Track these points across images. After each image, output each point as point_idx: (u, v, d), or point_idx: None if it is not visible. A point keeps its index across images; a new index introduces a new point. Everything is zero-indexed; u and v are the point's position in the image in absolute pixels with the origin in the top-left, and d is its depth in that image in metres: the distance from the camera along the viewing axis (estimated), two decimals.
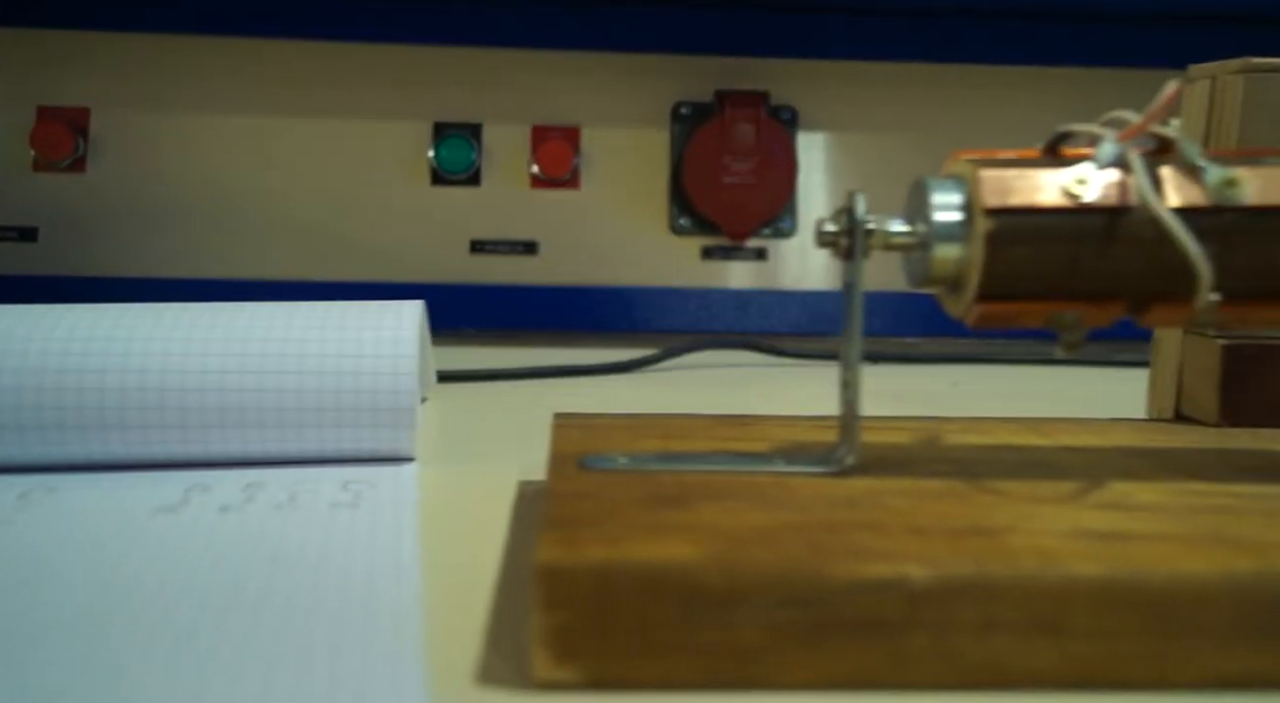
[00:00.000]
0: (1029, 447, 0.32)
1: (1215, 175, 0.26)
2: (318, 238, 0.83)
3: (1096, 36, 0.82)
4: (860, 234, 0.28)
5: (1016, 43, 0.83)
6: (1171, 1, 0.78)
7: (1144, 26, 0.82)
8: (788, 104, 0.84)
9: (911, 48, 0.83)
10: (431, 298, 0.85)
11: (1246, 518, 0.25)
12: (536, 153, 0.83)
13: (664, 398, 0.58)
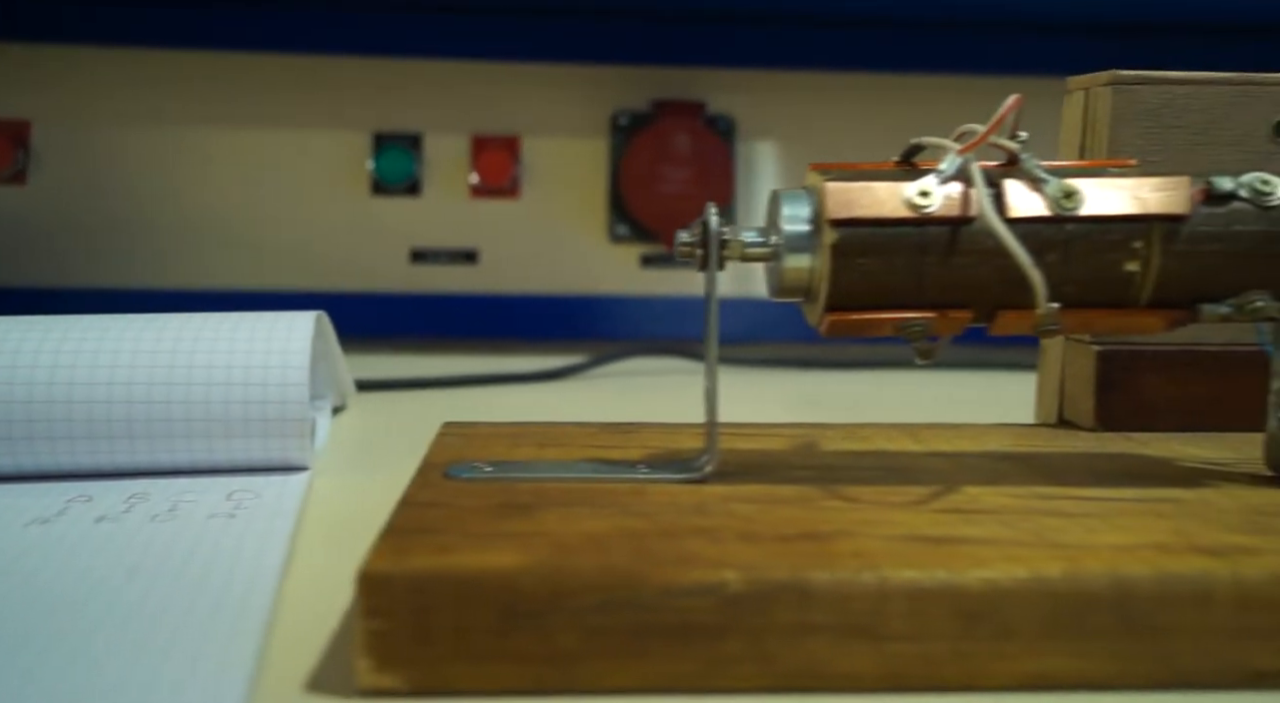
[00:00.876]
0: (899, 452, 0.33)
1: (1054, 187, 0.27)
2: (257, 249, 0.84)
3: (1037, 46, 0.83)
4: (714, 245, 0.28)
5: (953, 52, 0.84)
6: (1105, 11, 0.79)
7: (1087, 36, 0.83)
8: (725, 113, 0.84)
9: (849, 57, 0.84)
10: (372, 307, 0.86)
11: (1078, 521, 0.26)
12: (476, 162, 0.83)
13: (591, 405, 0.58)
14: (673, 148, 0.82)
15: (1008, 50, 0.83)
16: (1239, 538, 0.24)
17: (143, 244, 0.83)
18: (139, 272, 0.82)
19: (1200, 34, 0.82)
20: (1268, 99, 0.36)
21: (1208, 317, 0.28)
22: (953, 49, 0.83)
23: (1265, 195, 0.27)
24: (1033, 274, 0.26)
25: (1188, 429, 0.36)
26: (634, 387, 0.65)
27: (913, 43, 0.84)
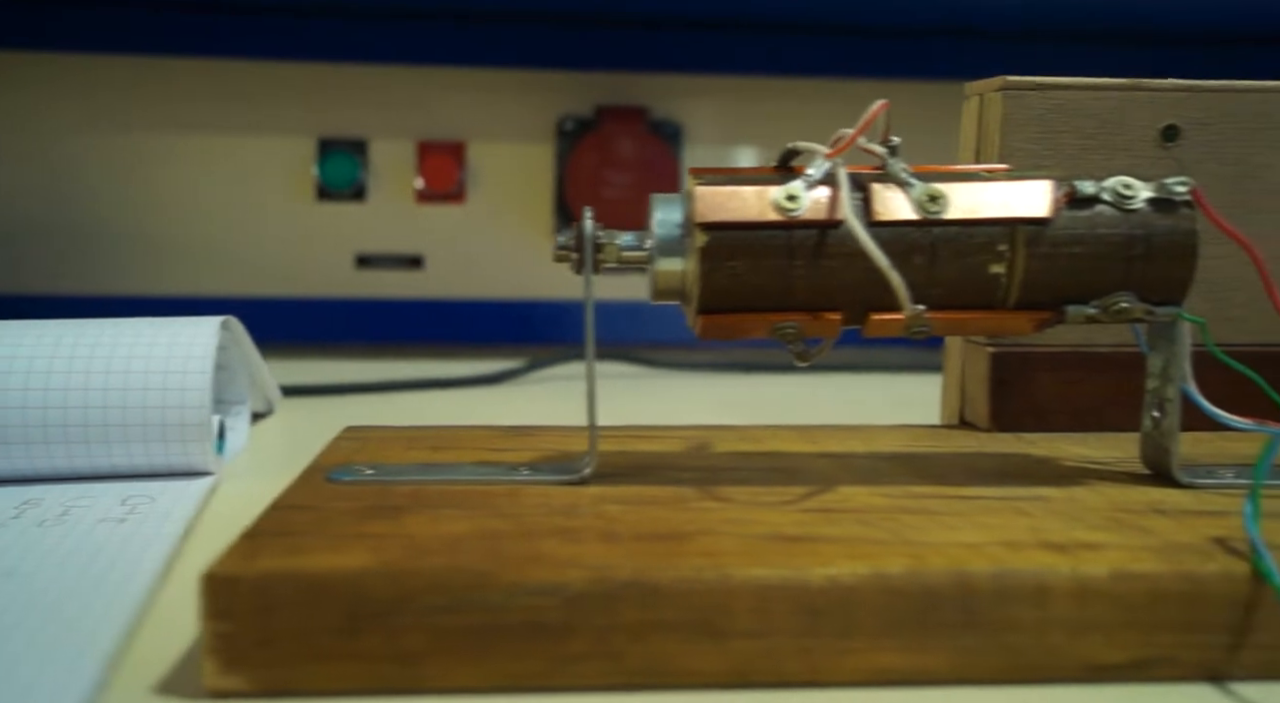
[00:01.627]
0: (788, 453, 0.33)
1: (920, 191, 0.28)
2: (203, 254, 0.83)
3: (982, 51, 0.84)
4: (589, 249, 0.28)
5: (897, 57, 0.84)
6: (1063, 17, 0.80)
7: (1028, 40, 0.84)
8: (671, 118, 0.85)
9: (795, 62, 0.84)
10: (318, 313, 0.86)
11: (940, 519, 0.26)
12: (422, 167, 0.83)
13: (528, 409, 0.58)
14: (616, 153, 0.83)
15: (950, 55, 0.84)
16: (1092, 535, 0.25)
17: (88, 249, 0.82)
18: (84, 277, 0.82)
19: (1126, 40, 0.83)
20: (1156, 103, 0.36)
21: (1073, 318, 0.28)
22: (897, 54, 0.84)
23: (1127, 199, 0.28)
24: (892, 277, 0.26)
25: (1081, 429, 0.37)
26: (573, 391, 0.65)
27: (857, 48, 0.84)
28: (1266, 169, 0.37)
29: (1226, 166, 0.37)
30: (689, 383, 0.68)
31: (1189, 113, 0.36)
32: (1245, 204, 0.37)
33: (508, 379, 0.67)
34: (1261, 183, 0.37)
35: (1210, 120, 0.36)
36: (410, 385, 0.63)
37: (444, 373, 0.66)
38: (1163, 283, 0.28)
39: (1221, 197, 0.37)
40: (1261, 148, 0.37)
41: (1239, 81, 0.36)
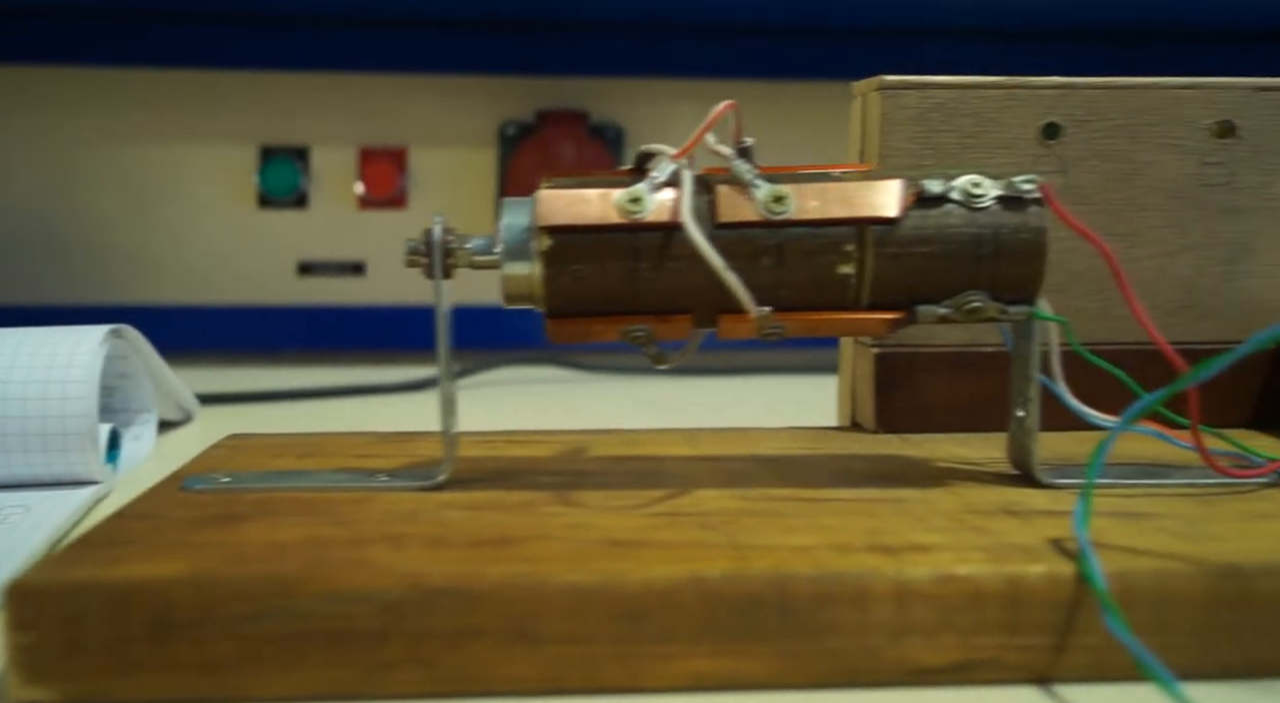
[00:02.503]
0: (661, 457, 0.33)
1: (764, 192, 0.27)
2: (145, 263, 0.83)
3: (930, 51, 0.84)
4: (438, 254, 0.28)
5: (838, 59, 0.84)
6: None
7: (975, 39, 0.84)
8: (612, 122, 0.85)
9: (734, 64, 0.84)
10: (260, 320, 0.85)
11: (784, 522, 0.26)
12: (363, 174, 0.83)
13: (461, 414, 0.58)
14: (557, 157, 0.83)
15: (892, 56, 0.84)
16: (928, 536, 0.25)
17: (30, 259, 0.82)
18: (20, 287, 0.82)
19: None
20: (1035, 102, 0.36)
21: (925, 317, 0.28)
22: (835, 55, 0.84)
23: (976, 198, 0.28)
24: (728, 278, 0.26)
25: (967, 429, 0.37)
26: (506, 395, 0.65)
27: (797, 49, 0.84)
28: (1151, 166, 0.37)
29: (1109, 164, 0.37)
30: (620, 386, 0.68)
31: (1069, 111, 0.36)
32: (1132, 201, 0.37)
33: (432, 386, 0.67)
34: (1147, 179, 0.37)
35: (1091, 118, 0.36)
36: (338, 392, 0.63)
37: (384, 379, 0.66)
38: (1014, 281, 0.28)
39: (1107, 194, 0.37)
40: (1145, 145, 0.37)
41: (1118, 78, 0.36)
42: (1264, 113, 0.37)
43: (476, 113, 0.85)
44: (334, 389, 0.63)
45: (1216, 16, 0.79)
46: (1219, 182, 0.37)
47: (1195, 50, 0.83)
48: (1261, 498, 0.28)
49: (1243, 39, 0.82)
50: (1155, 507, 0.27)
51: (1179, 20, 0.80)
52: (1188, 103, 0.37)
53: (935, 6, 0.77)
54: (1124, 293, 0.29)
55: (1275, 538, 0.25)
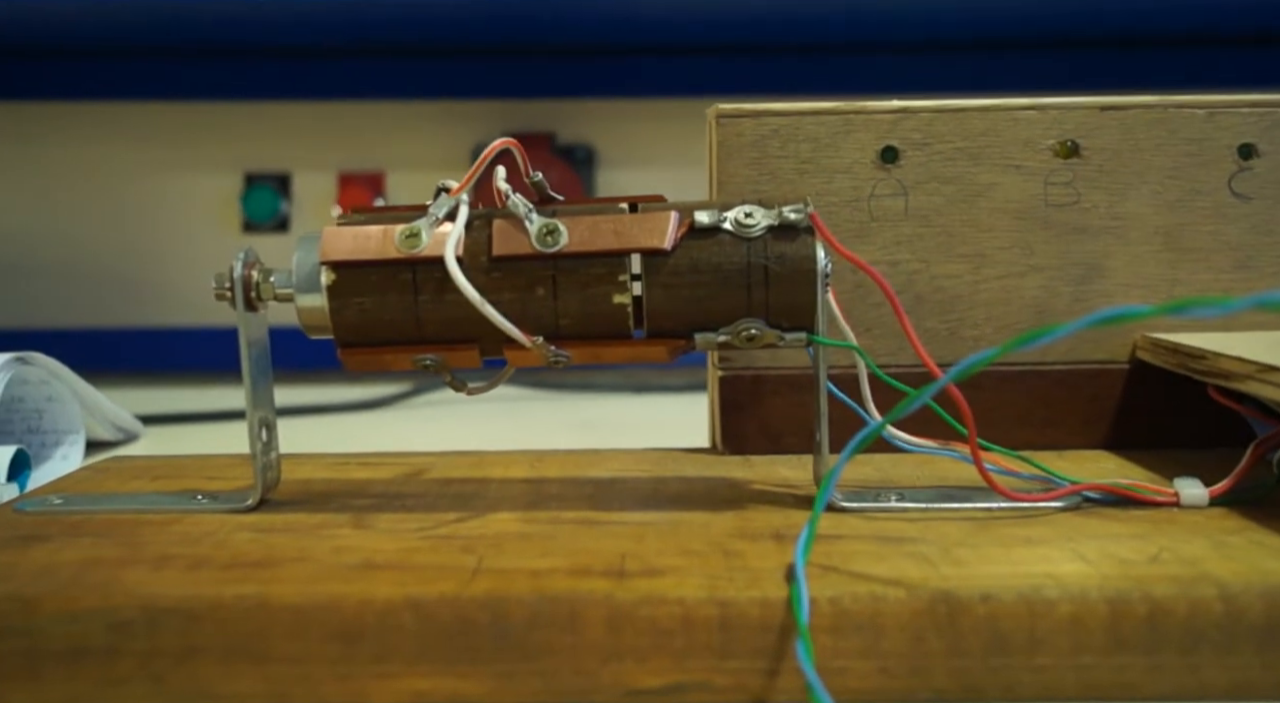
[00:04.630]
0: (488, 480, 0.34)
1: (538, 225, 0.28)
2: (133, 288, 0.86)
3: (889, 67, 0.85)
4: (239, 287, 0.30)
5: (807, 75, 0.85)
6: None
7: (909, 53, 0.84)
8: (584, 142, 0.86)
9: (703, 83, 0.85)
10: None
11: (545, 544, 0.27)
12: (340, 198, 0.85)
13: (409, 433, 0.60)
14: (520, 178, 0.84)
15: (866, 72, 0.85)
16: (674, 561, 0.25)
17: (26, 286, 0.86)
18: (15, 311, 0.85)
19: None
20: (872, 126, 0.37)
21: (703, 345, 0.29)
22: (805, 72, 0.85)
23: (748, 227, 0.28)
24: (487, 311, 0.27)
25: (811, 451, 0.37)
26: (458, 414, 0.66)
27: (765, 67, 0.85)
28: (994, 187, 0.37)
29: (951, 186, 0.37)
30: (573, 404, 0.69)
31: (906, 134, 0.37)
32: (976, 222, 0.37)
33: (395, 403, 0.69)
34: (991, 201, 0.37)
35: (930, 141, 0.37)
36: (293, 411, 0.65)
37: (352, 398, 0.68)
38: (788, 308, 0.29)
39: (950, 216, 0.37)
40: (987, 166, 0.37)
41: (955, 101, 0.37)
42: (1109, 132, 0.37)
43: (450, 136, 0.87)
44: (289, 408, 0.65)
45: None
46: (1065, 202, 0.37)
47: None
48: (1041, 523, 0.28)
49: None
50: (923, 531, 0.28)
51: (1126, 27, 0.79)
52: (1029, 123, 0.37)
53: (905, 21, 0.77)
54: (901, 322, 0.29)
55: (1016, 565, 0.25)
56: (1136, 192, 0.37)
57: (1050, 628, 0.23)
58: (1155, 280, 0.37)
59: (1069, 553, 0.26)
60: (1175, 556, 0.25)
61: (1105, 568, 0.25)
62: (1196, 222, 0.37)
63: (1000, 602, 0.23)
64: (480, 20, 0.78)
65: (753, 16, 0.76)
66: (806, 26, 0.79)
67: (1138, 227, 0.37)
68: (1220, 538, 0.27)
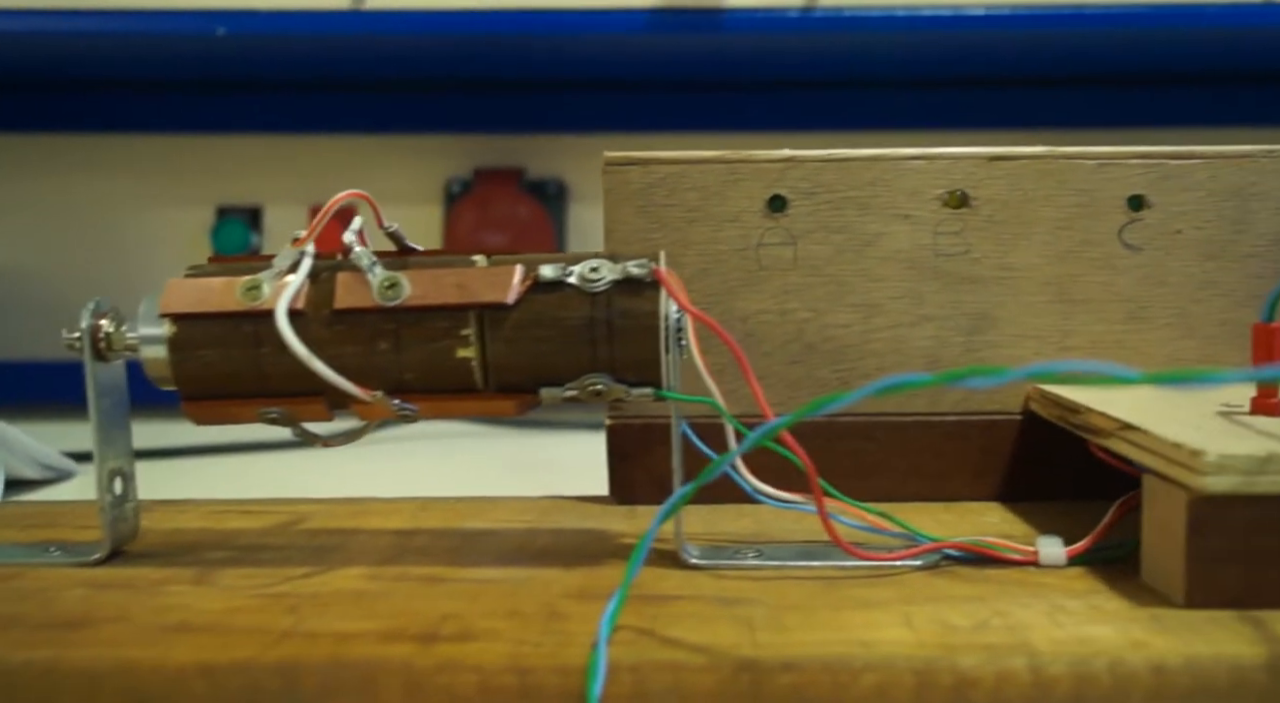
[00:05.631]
0: (357, 531, 0.34)
1: (379, 278, 0.28)
2: None
3: (869, 101, 0.84)
4: (86, 338, 0.30)
5: (781, 109, 0.85)
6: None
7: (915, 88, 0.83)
8: (555, 178, 0.86)
9: (674, 118, 0.85)
10: None
11: (370, 604, 0.26)
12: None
13: (348, 474, 0.60)
14: (493, 213, 0.84)
15: (842, 106, 0.84)
16: (496, 624, 0.25)
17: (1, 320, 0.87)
18: None
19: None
20: (759, 176, 0.36)
21: (549, 399, 0.29)
22: (774, 106, 0.84)
23: (593, 282, 0.28)
24: (315, 366, 0.27)
25: (703, 501, 0.37)
26: (403, 451, 0.66)
27: (732, 102, 0.85)
28: (883, 236, 0.36)
29: (840, 235, 0.36)
30: (516, 441, 0.68)
31: (794, 183, 0.36)
32: (866, 272, 0.37)
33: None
34: (880, 250, 0.36)
35: (817, 190, 0.36)
36: (242, 448, 0.65)
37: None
38: (632, 363, 0.28)
39: (839, 265, 0.37)
40: (875, 216, 0.36)
41: (842, 151, 0.36)
42: (998, 183, 0.36)
43: (420, 171, 0.87)
44: (239, 445, 0.65)
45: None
46: (955, 252, 0.36)
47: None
48: (891, 583, 0.28)
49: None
50: (765, 592, 0.27)
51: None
52: (917, 173, 0.36)
53: (872, 58, 0.77)
54: (748, 381, 0.29)
55: (837, 631, 0.24)
56: (1027, 242, 0.36)
57: (855, 698, 0.23)
58: (1047, 331, 0.37)
59: (899, 618, 0.25)
60: (1005, 622, 0.25)
61: (925, 635, 0.24)
62: (1087, 272, 0.36)
63: (804, 671, 0.23)
64: (451, 56, 0.79)
65: (716, 53, 0.76)
66: (762, 65, 0.79)
67: (1028, 277, 0.36)
68: (1060, 602, 0.26)
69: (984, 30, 0.68)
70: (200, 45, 0.72)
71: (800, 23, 0.70)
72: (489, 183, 0.85)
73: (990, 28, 0.68)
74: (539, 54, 0.76)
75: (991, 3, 0.68)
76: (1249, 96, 0.81)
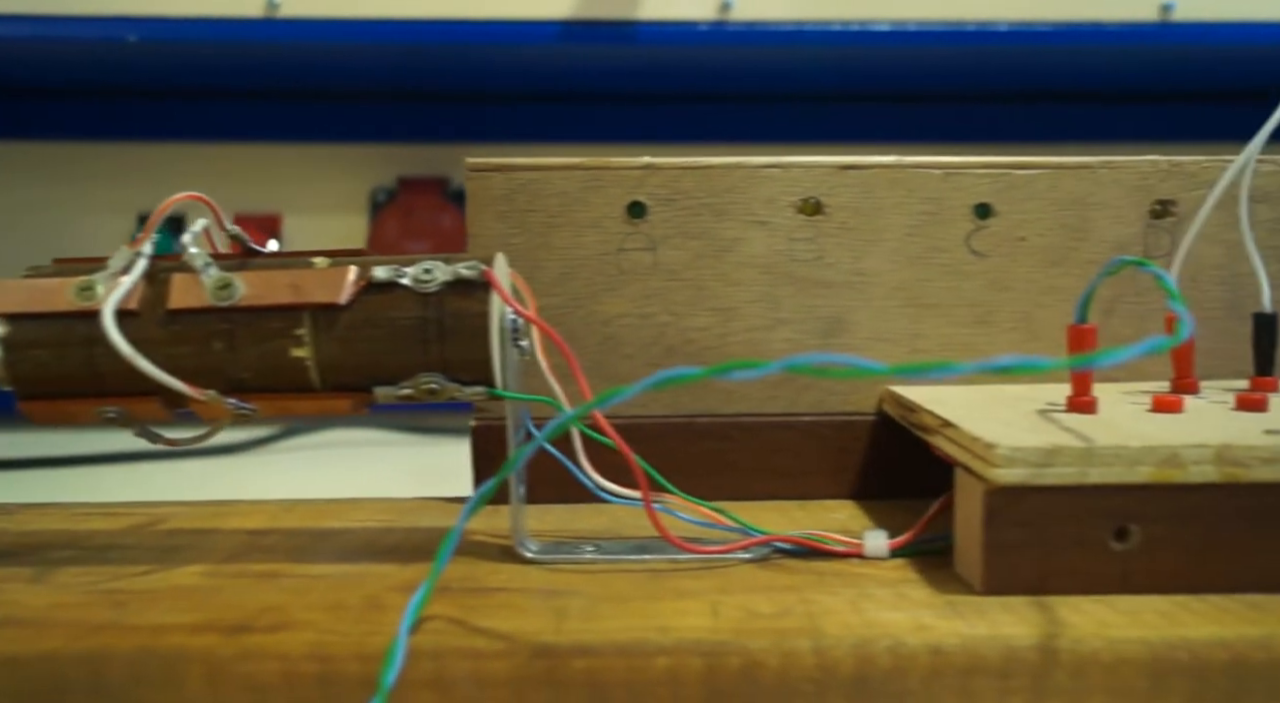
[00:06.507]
0: (210, 531, 0.34)
1: (211, 278, 0.29)
2: None
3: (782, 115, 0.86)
4: None
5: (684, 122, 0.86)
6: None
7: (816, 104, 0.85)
8: None
9: (598, 130, 0.86)
10: None
11: (199, 599, 0.27)
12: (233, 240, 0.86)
13: (265, 477, 0.60)
14: (416, 222, 0.85)
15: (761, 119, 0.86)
16: (310, 616, 0.26)
17: None
18: None
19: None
20: (620, 182, 0.37)
21: (384, 398, 0.29)
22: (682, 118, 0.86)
23: (425, 282, 0.29)
24: (140, 365, 0.27)
25: (566, 500, 0.37)
26: (324, 458, 0.66)
27: (649, 114, 0.86)
28: (740, 242, 0.37)
29: (697, 240, 0.37)
30: (438, 448, 0.69)
31: (654, 189, 0.37)
32: (724, 277, 0.38)
33: (258, 447, 0.69)
34: (737, 256, 0.37)
35: (676, 196, 0.37)
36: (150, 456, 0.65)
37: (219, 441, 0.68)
38: (465, 363, 0.29)
39: (698, 270, 0.38)
40: (732, 222, 0.37)
41: (699, 159, 0.37)
42: (849, 191, 0.37)
43: (345, 179, 0.87)
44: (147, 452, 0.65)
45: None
46: (809, 258, 0.37)
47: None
48: (715, 575, 0.29)
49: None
50: (591, 584, 0.28)
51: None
52: (772, 181, 0.37)
53: (817, 72, 0.79)
54: (570, 366, 0.30)
55: (643, 619, 0.25)
56: (878, 248, 0.37)
57: (649, 682, 0.23)
58: (898, 334, 0.38)
59: (707, 606, 0.26)
60: (807, 609, 0.26)
61: (725, 622, 0.25)
62: (936, 278, 0.37)
63: (599, 656, 0.24)
64: (369, 65, 0.80)
65: (631, 65, 0.78)
66: (688, 75, 0.80)
67: (880, 282, 0.37)
68: (870, 591, 0.27)
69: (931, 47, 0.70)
70: (112, 52, 0.72)
71: (711, 36, 0.71)
72: (413, 192, 0.85)
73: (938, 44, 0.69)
74: (456, 64, 0.77)
75: (931, 18, 0.69)
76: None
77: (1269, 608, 0.25)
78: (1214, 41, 0.70)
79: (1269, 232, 0.38)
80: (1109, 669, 0.24)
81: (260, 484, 0.58)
